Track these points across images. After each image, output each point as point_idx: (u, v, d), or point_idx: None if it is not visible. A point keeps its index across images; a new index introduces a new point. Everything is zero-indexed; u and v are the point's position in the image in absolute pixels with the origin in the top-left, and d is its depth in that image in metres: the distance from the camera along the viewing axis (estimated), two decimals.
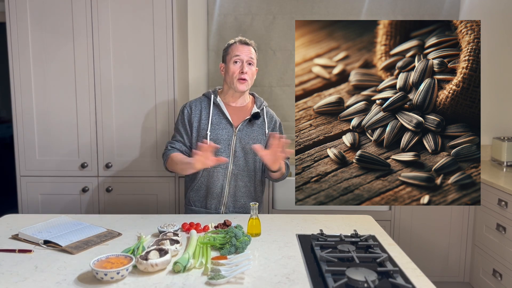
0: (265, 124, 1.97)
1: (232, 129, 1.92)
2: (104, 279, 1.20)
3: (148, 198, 2.52)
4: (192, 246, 1.40)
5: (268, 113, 2.02)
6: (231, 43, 1.93)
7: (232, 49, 1.91)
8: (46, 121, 2.46)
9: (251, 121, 1.94)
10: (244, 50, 1.89)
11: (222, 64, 1.96)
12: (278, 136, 1.73)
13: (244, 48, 1.89)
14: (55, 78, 2.44)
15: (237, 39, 1.93)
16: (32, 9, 2.39)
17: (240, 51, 1.88)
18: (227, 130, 1.91)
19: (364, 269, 1.22)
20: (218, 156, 1.84)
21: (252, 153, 1.93)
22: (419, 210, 2.70)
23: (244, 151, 1.92)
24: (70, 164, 2.49)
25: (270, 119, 2.01)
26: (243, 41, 1.92)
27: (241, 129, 1.92)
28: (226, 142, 1.90)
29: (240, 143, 1.91)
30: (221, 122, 1.92)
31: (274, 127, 2.02)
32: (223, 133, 1.91)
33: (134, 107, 2.47)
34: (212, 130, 1.90)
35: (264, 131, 1.97)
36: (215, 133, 1.90)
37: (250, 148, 1.92)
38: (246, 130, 1.93)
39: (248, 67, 1.89)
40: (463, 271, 2.74)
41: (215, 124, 1.91)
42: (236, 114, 1.95)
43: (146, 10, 2.41)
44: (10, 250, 1.44)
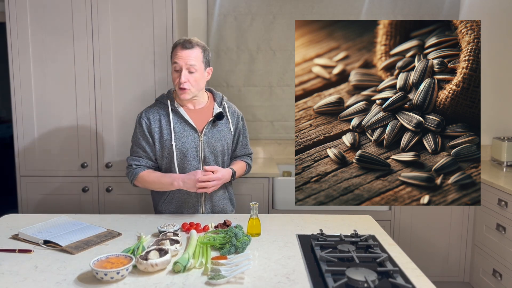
0: (229, 122, 1.88)
1: (197, 134, 1.80)
2: (104, 279, 1.20)
3: (148, 198, 2.52)
4: (192, 246, 1.40)
5: (230, 108, 1.91)
6: (174, 46, 1.76)
7: (173, 54, 1.74)
8: (46, 121, 2.46)
9: (215, 122, 1.84)
10: (183, 56, 1.71)
11: None
12: (207, 168, 1.72)
13: (183, 54, 1.71)
14: (55, 78, 2.44)
15: (179, 41, 1.74)
16: (32, 9, 2.39)
17: (178, 57, 1.71)
18: (192, 136, 1.80)
19: (364, 269, 1.22)
20: (188, 164, 1.80)
21: (221, 153, 1.86)
22: (419, 210, 2.70)
23: (214, 155, 1.84)
24: (70, 164, 2.49)
25: (232, 114, 1.91)
26: (184, 44, 1.72)
27: (206, 132, 1.81)
28: (194, 149, 1.80)
29: (208, 147, 1.82)
30: (185, 129, 1.79)
31: (238, 122, 1.93)
32: (189, 140, 1.79)
33: (134, 107, 2.46)
34: (176, 140, 1.78)
35: (230, 128, 1.88)
36: (181, 142, 1.78)
37: (219, 150, 1.84)
38: (212, 132, 1.83)
39: (189, 75, 1.72)
40: (463, 271, 2.74)
41: (179, 133, 1.79)
42: (198, 117, 1.82)
43: (146, 10, 2.41)
44: (10, 250, 1.44)
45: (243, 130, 1.97)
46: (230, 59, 3.10)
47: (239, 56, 3.11)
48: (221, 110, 1.86)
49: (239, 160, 1.97)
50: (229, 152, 1.93)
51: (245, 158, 1.99)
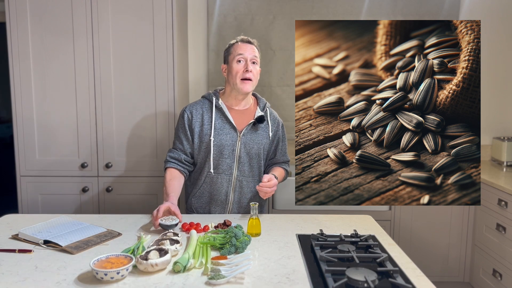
0: (268, 127, 1.92)
1: (236, 133, 1.85)
2: (104, 279, 1.20)
3: (148, 198, 2.52)
4: (192, 246, 1.40)
5: (271, 114, 1.97)
6: (233, 43, 1.87)
7: (235, 48, 1.84)
8: (46, 121, 2.46)
9: (255, 125, 1.88)
10: (248, 49, 1.83)
11: (224, 65, 1.88)
12: (267, 177, 1.74)
13: (247, 47, 1.83)
14: (55, 78, 2.44)
15: (239, 38, 1.86)
16: (32, 9, 2.39)
17: (243, 50, 1.82)
18: (231, 135, 1.85)
19: (364, 269, 1.22)
20: (222, 161, 1.84)
21: (257, 157, 1.90)
22: (419, 210, 2.70)
23: (249, 156, 1.88)
24: (70, 164, 2.49)
25: (273, 121, 1.96)
26: (246, 39, 1.86)
27: (245, 133, 1.86)
28: (231, 148, 1.85)
29: (245, 148, 1.86)
30: (225, 127, 1.85)
31: (277, 129, 1.97)
32: (227, 138, 1.84)
33: (134, 107, 2.46)
34: (215, 136, 1.83)
35: (268, 134, 1.92)
36: (219, 139, 1.84)
37: (255, 152, 1.88)
38: (251, 134, 1.87)
39: (252, 65, 1.82)
40: (463, 271, 2.74)
41: (219, 129, 1.84)
42: (239, 117, 1.88)
43: (146, 10, 2.40)
44: (10, 250, 1.44)
45: (282, 137, 2.00)
46: None
47: None
48: (263, 114, 1.90)
49: (278, 166, 1.98)
50: (264, 157, 1.95)
51: (283, 165, 2.01)
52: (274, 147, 1.99)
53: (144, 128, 2.48)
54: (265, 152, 1.94)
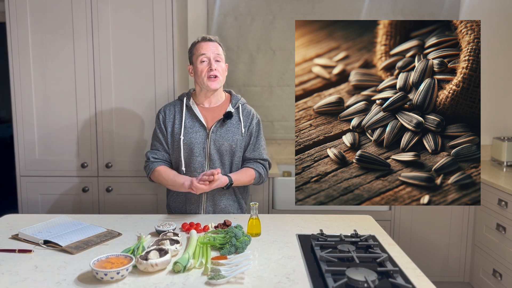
0: (241, 123, 1.90)
1: (206, 131, 1.86)
2: (104, 279, 1.20)
3: (148, 198, 2.52)
4: (192, 246, 1.40)
5: (245, 110, 1.93)
6: (195, 42, 1.87)
7: (197, 48, 1.85)
8: (46, 121, 2.46)
9: (224, 121, 1.87)
10: (210, 47, 1.83)
11: (190, 66, 1.89)
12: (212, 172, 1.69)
13: (209, 45, 1.83)
14: (55, 78, 2.44)
15: (200, 37, 1.87)
16: (32, 9, 2.39)
17: (205, 49, 1.82)
18: (200, 133, 1.86)
19: (364, 269, 1.22)
20: (194, 159, 1.84)
21: (228, 153, 1.88)
22: (419, 210, 2.70)
23: (219, 153, 1.87)
24: (70, 164, 2.49)
25: (246, 117, 1.92)
26: (207, 38, 1.86)
27: (214, 130, 1.86)
28: (201, 146, 1.85)
29: (214, 145, 1.85)
30: (194, 125, 1.87)
31: (251, 125, 1.92)
32: (197, 136, 1.85)
33: (134, 107, 2.46)
34: (185, 134, 1.85)
35: (240, 130, 1.89)
36: (188, 137, 1.85)
37: (225, 149, 1.86)
38: (220, 131, 1.86)
39: (217, 63, 1.83)
40: (463, 271, 2.74)
41: (189, 128, 1.86)
42: (210, 115, 1.89)
43: (146, 10, 2.40)
44: (10, 250, 1.44)
45: (255, 133, 1.94)
46: (230, 59, 3.10)
47: (239, 56, 3.11)
48: (232, 110, 1.89)
49: (249, 167, 1.91)
50: (240, 154, 1.92)
51: (255, 165, 1.92)
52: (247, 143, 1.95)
53: (144, 128, 2.48)
54: (241, 148, 1.91)
